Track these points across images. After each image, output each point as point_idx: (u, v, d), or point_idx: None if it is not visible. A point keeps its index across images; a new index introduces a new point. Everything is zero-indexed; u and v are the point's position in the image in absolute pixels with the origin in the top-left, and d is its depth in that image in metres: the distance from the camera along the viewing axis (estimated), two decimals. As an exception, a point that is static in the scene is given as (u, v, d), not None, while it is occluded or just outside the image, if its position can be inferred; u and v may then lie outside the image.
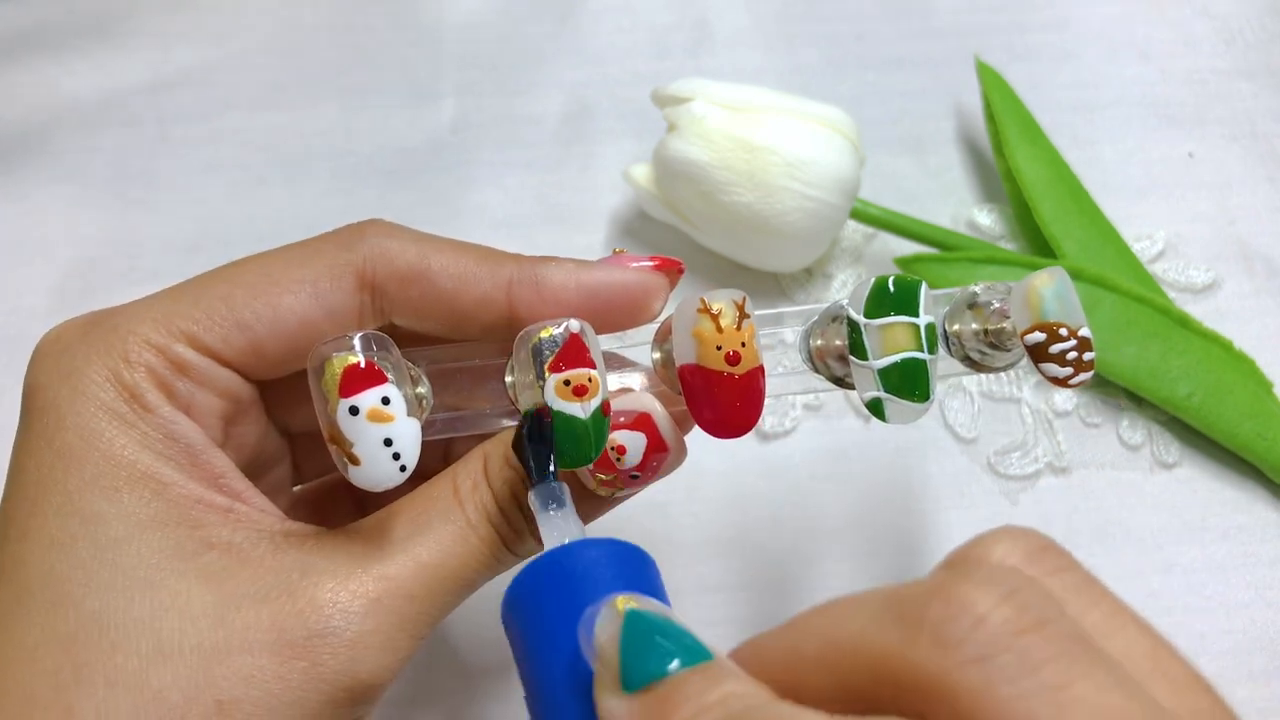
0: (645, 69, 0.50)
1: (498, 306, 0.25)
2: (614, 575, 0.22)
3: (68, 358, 0.24)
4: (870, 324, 0.25)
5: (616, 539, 0.22)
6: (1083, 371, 0.25)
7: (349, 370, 0.22)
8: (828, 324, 0.27)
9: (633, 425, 0.24)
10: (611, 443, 0.24)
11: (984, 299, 0.26)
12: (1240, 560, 0.38)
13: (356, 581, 0.23)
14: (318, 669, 0.22)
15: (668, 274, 0.27)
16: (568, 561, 0.22)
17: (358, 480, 0.23)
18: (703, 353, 0.24)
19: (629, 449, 0.24)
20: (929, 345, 0.25)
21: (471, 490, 0.25)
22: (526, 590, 0.22)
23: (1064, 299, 0.25)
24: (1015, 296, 0.25)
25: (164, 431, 0.24)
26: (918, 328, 0.24)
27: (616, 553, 0.22)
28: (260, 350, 0.25)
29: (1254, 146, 0.46)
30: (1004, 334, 0.26)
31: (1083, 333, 0.25)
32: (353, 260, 0.25)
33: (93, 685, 0.21)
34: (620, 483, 0.25)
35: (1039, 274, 0.25)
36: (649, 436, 0.25)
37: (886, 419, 0.25)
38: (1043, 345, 0.25)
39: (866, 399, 0.25)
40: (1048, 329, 0.24)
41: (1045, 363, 0.25)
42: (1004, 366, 0.27)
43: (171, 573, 0.23)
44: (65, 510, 0.23)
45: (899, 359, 0.24)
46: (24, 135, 0.49)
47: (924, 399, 0.25)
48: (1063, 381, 0.25)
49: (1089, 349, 0.25)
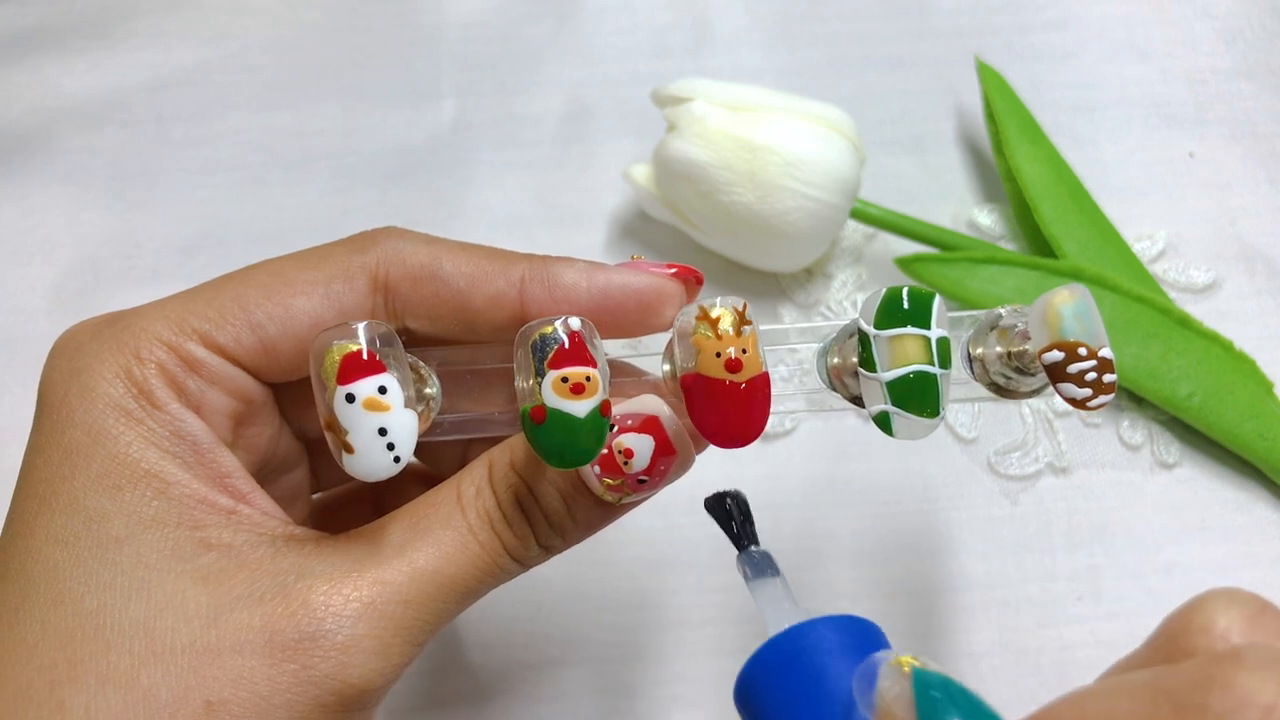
0: (645, 69, 0.50)
1: (510, 306, 0.25)
2: (854, 646, 0.23)
3: (80, 356, 0.24)
4: (880, 335, 0.24)
5: (844, 615, 0.24)
6: (1103, 394, 0.24)
7: (348, 358, 0.22)
8: (845, 340, 0.26)
9: (640, 428, 0.24)
10: (619, 446, 0.24)
11: (1008, 321, 0.25)
12: (1240, 560, 0.38)
13: (351, 585, 0.23)
14: (308, 672, 0.22)
15: (685, 282, 0.26)
16: (814, 636, 0.23)
17: (351, 469, 0.23)
18: (702, 360, 0.23)
19: (637, 452, 0.24)
20: (941, 360, 0.24)
21: (475, 496, 0.25)
22: (775, 664, 0.23)
23: (1084, 317, 0.23)
24: (1034, 314, 0.24)
25: (171, 429, 0.24)
26: (929, 340, 0.24)
27: (852, 626, 0.23)
28: (272, 350, 0.25)
29: (1254, 146, 0.46)
30: (1027, 356, 0.25)
31: (1104, 353, 0.23)
32: (366, 262, 0.25)
33: (85, 682, 0.22)
34: (628, 487, 0.24)
35: (1059, 291, 0.24)
36: (657, 440, 0.24)
37: (894, 434, 0.24)
38: (1060, 365, 0.23)
39: (874, 413, 0.24)
40: (1066, 348, 0.23)
41: (1063, 383, 0.24)
42: (1030, 393, 0.26)
43: (169, 573, 0.23)
44: (70, 508, 0.23)
45: (908, 372, 0.24)
46: (24, 135, 0.49)
47: (933, 414, 0.24)
48: (1081, 404, 0.24)
49: (1110, 370, 0.23)
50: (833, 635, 0.23)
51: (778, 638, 0.23)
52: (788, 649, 0.23)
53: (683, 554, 0.38)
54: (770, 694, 0.23)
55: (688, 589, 0.37)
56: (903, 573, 0.37)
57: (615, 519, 0.26)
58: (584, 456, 0.23)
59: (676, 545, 0.38)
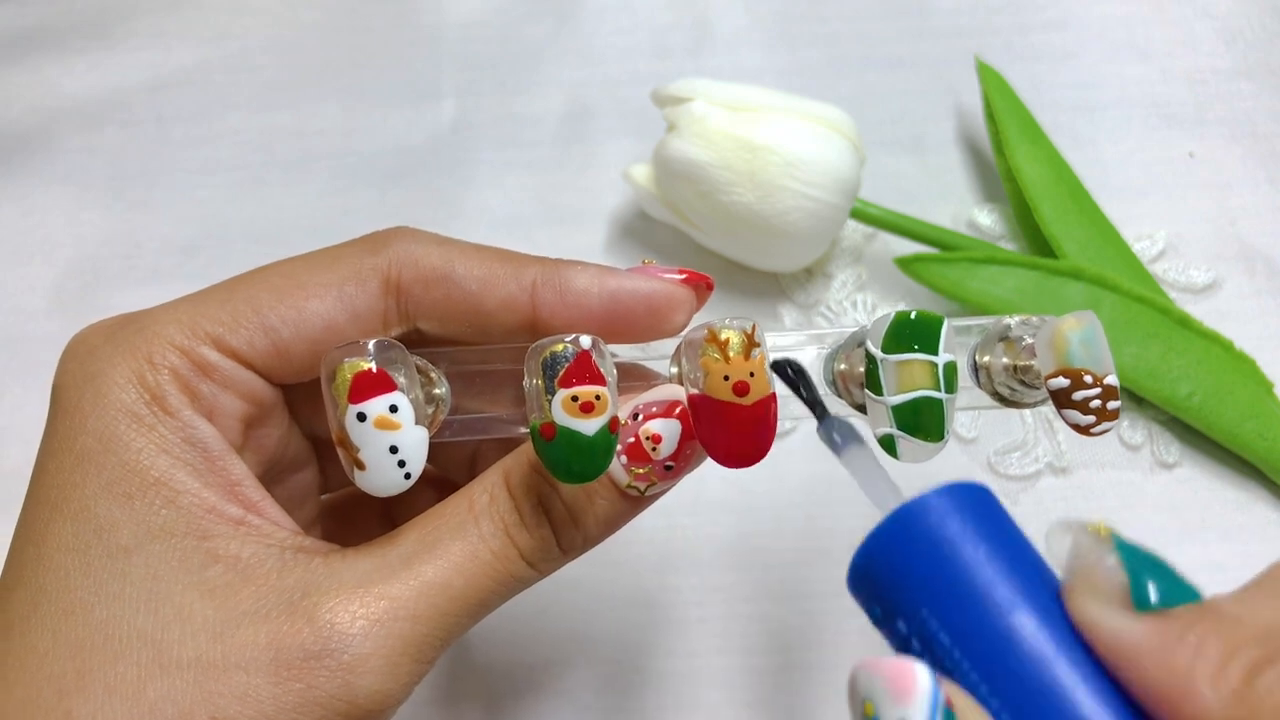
0: (645, 69, 0.50)
1: (521, 309, 0.25)
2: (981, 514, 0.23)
3: (93, 360, 0.24)
4: (887, 359, 0.24)
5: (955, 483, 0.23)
6: (1106, 420, 0.24)
7: (359, 376, 0.22)
8: (853, 348, 0.26)
9: (665, 413, 0.24)
10: (645, 433, 0.24)
11: (1016, 333, 0.25)
12: (1240, 560, 0.38)
13: (358, 602, 0.23)
14: (314, 691, 0.22)
15: (695, 288, 0.26)
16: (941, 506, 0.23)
17: (363, 485, 0.23)
18: (710, 383, 0.23)
19: (665, 437, 0.24)
20: (947, 385, 0.24)
21: (489, 504, 0.24)
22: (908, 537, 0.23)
23: (1091, 344, 0.24)
24: (1041, 338, 0.24)
25: (183, 435, 0.24)
26: (935, 366, 0.24)
27: (968, 492, 0.23)
28: (285, 353, 0.25)
29: (1254, 146, 0.46)
30: (1032, 372, 0.25)
31: (1108, 381, 0.24)
32: (378, 264, 0.25)
33: (93, 693, 0.21)
34: (655, 475, 0.24)
35: (1067, 318, 0.24)
36: (683, 423, 0.24)
37: (899, 457, 0.24)
38: (1066, 391, 0.24)
39: (879, 435, 0.24)
40: (1072, 375, 0.23)
41: (1068, 409, 0.24)
42: (1034, 404, 0.26)
43: (177, 584, 0.23)
44: (81, 515, 0.23)
45: (914, 397, 0.24)
46: (24, 135, 0.49)
47: (938, 439, 0.24)
48: (1085, 430, 0.24)
49: (1114, 398, 0.24)
50: (957, 503, 0.23)
51: (903, 510, 0.23)
52: (917, 521, 0.23)
53: (685, 553, 0.38)
54: (910, 568, 0.22)
55: (690, 588, 0.37)
56: (903, 573, 0.37)
57: (637, 513, 0.26)
58: (592, 473, 0.23)
59: (679, 545, 0.38)
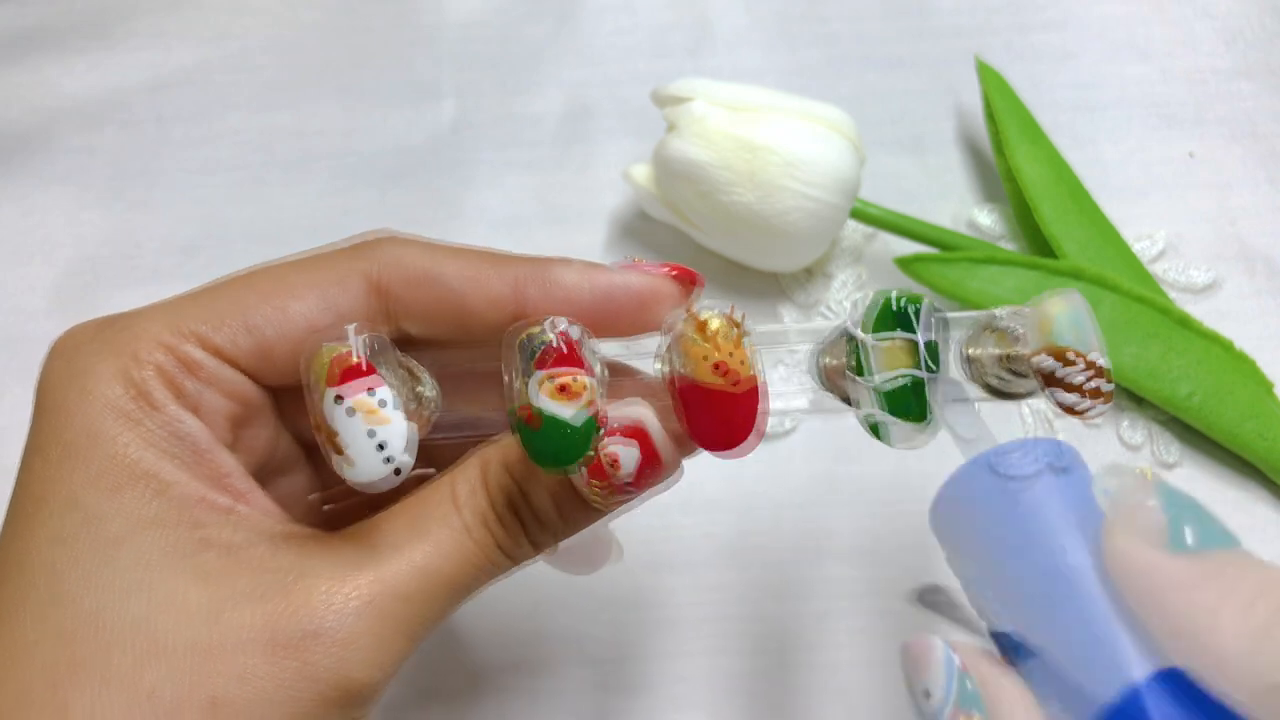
0: (645, 69, 0.50)
1: (507, 308, 0.25)
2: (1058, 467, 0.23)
3: (79, 357, 0.24)
4: (869, 340, 0.24)
5: None
6: (1099, 401, 0.24)
7: (337, 360, 0.22)
8: (838, 341, 0.26)
9: (627, 435, 0.24)
10: (605, 454, 0.24)
11: (1004, 323, 0.25)
12: (1240, 560, 0.38)
13: (350, 583, 0.23)
14: (310, 668, 0.22)
15: (682, 283, 0.26)
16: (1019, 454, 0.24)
17: (349, 477, 0.23)
18: (693, 366, 0.23)
19: (623, 462, 0.24)
20: (930, 363, 0.24)
21: (469, 495, 0.25)
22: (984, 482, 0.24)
23: (1077, 323, 0.24)
24: (1028, 320, 0.24)
25: (169, 429, 0.24)
26: (917, 344, 0.24)
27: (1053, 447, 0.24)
28: (268, 353, 0.25)
29: (1254, 146, 0.46)
30: (1020, 359, 0.25)
31: (1097, 359, 0.23)
32: (362, 266, 0.25)
33: (88, 682, 0.21)
34: (614, 492, 0.24)
35: (1053, 299, 0.24)
36: (643, 450, 0.24)
37: (888, 442, 0.25)
38: (1052, 370, 0.24)
39: (866, 420, 0.25)
40: (1057, 353, 0.23)
41: (1056, 389, 0.24)
42: (1026, 394, 0.26)
43: (168, 571, 0.23)
44: (68, 507, 0.23)
45: (898, 376, 0.24)
46: (24, 135, 0.49)
47: (919, 419, 0.24)
48: (1076, 411, 0.24)
49: (1105, 378, 0.23)
50: (1036, 452, 0.24)
51: (986, 455, 0.24)
52: (993, 468, 0.24)
53: (680, 553, 0.38)
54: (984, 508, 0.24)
55: (685, 588, 0.37)
56: (902, 573, 0.37)
57: (602, 518, 0.26)
58: (571, 458, 0.23)
59: (674, 544, 0.38)
